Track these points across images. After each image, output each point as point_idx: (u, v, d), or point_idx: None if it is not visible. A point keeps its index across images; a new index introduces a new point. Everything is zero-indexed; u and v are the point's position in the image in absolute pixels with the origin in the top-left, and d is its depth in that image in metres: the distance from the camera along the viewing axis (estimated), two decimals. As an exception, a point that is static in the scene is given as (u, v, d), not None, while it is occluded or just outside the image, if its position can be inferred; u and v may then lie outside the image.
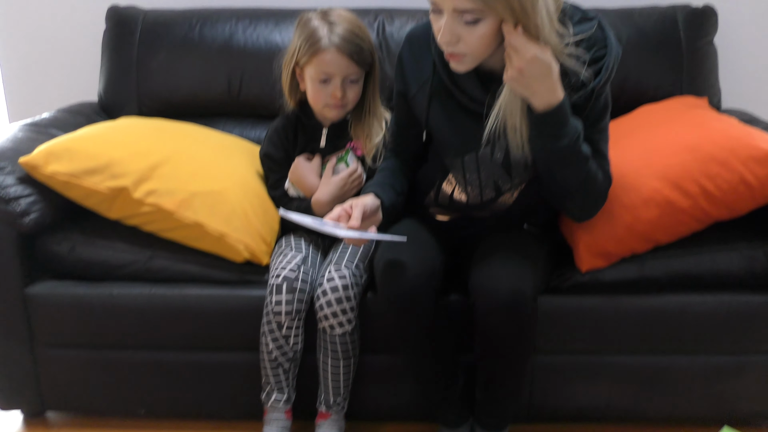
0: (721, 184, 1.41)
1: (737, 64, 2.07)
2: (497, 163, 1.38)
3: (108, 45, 2.01)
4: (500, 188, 1.42)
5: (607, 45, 1.27)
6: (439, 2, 1.20)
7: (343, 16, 1.57)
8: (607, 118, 1.35)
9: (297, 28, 1.59)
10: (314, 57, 1.53)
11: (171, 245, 1.59)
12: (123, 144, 1.62)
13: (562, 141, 1.25)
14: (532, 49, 1.17)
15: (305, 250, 1.58)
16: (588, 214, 1.42)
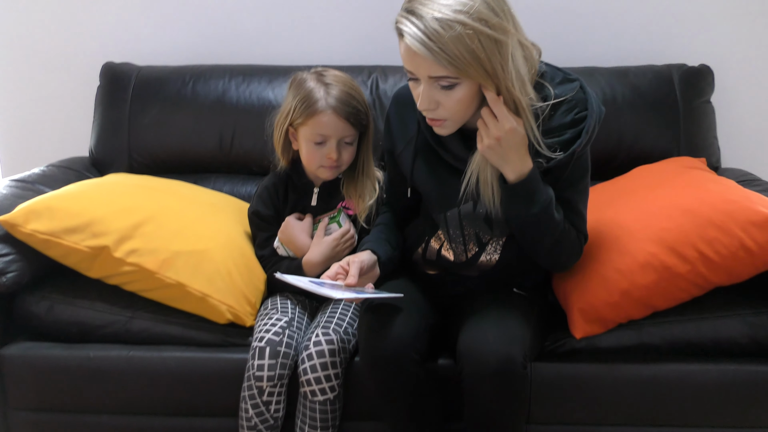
0: (720, 249, 1.37)
1: (736, 123, 2.05)
2: (479, 218, 1.37)
3: (101, 101, 2.01)
4: (482, 241, 1.41)
5: (588, 107, 1.28)
6: (414, 70, 1.22)
7: (338, 77, 1.56)
8: (587, 179, 1.37)
9: (291, 88, 1.57)
10: (310, 119, 1.51)
11: (152, 305, 1.55)
12: (105, 202, 1.59)
13: (533, 208, 1.27)
14: (511, 119, 1.20)
15: (291, 312, 1.53)
16: (561, 269, 1.46)
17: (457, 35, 1.14)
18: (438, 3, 1.16)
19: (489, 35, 1.15)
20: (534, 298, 1.47)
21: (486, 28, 1.15)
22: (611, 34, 2.04)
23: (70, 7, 2.12)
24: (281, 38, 2.11)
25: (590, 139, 1.29)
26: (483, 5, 1.16)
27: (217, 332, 1.53)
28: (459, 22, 1.14)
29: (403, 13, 1.20)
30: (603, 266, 1.40)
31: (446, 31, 1.14)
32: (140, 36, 2.13)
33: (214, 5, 2.10)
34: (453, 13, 1.14)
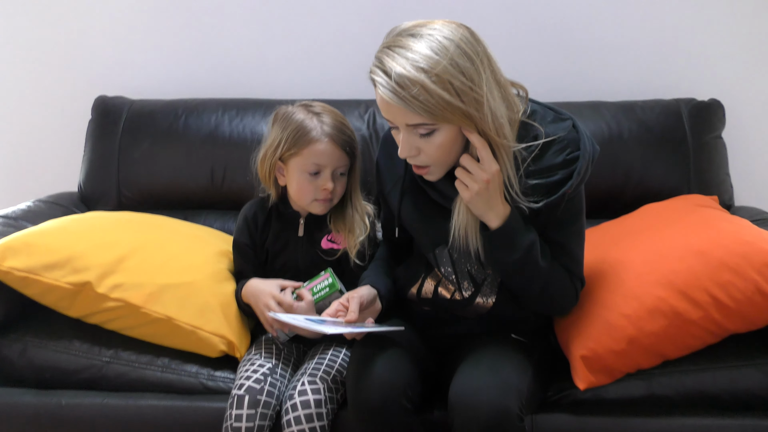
0: (735, 293, 1.28)
1: (748, 160, 1.97)
2: (470, 256, 1.31)
3: (92, 134, 1.97)
4: (476, 280, 1.36)
5: (581, 147, 1.24)
6: (391, 119, 1.21)
7: (325, 107, 1.53)
8: (581, 220, 1.32)
9: (277, 122, 1.51)
10: (305, 148, 1.45)
11: (133, 347, 1.49)
12: (87, 237, 1.54)
13: (514, 254, 1.24)
14: (495, 161, 1.19)
15: (275, 357, 1.44)
16: (558, 314, 1.41)
17: (429, 83, 1.12)
18: (409, 51, 1.14)
19: (461, 81, 1.14)
20: (534, 344, 1.38)
21: (458, 74, 1.14)
22: (616, 68, 1.99)
23: (63, 42, 2.10)
24: (276, 72, 2.07)
25: (582, 180, 1.25)
26: (455, 50, 1.14)
27: (199, 377, 1.47)
28: (430, 70, 1.12)
29: (375, 62, 1.19)
30: (608, 311, 1.31)
31: (418, 80, 1.12)
32: (135, 70, 2.10)
33: (210, 39, 2.07)
34: (424, 61, 1.13)
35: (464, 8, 1.97)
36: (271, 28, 2.05)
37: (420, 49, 1.14)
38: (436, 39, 1.15)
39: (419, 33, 1.16)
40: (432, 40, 1.15)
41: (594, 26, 1.96)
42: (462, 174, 1.21)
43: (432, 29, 1.16)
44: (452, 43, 1.15)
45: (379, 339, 1.32)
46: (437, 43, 1.14)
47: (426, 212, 1.35)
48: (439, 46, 1.14)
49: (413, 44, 1.15)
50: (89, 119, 1.99)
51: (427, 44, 1.14)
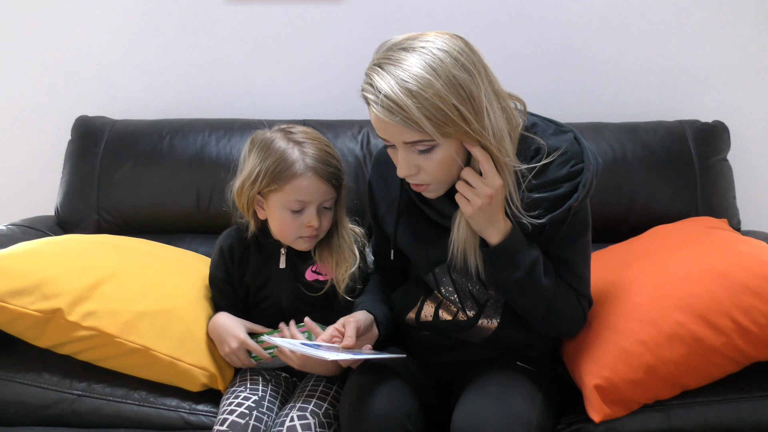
0: (758, 318, 1.20)
1: (755, 183, 1.93)
2: (471, 275, 1.24)
3: (71, 155, 1.89)
4: (479, 301, 1.29)
5: (585, 160, 1.19)
6: (388, 138, 1.15)
7: (308, 133, 1.39)
8: (587, 236, 1.27)
9: (255, 150, 1.37)
10: (286, 184, 1.32)
11: (108, 378, 1.39)
12: (59, 260, 1.44)
13: (517, 272, 1.18)
14: (498, 176, 1.13)
15: (262, 390, 1.33)
16: (565, 336, 1.35)
17: (426, 98, 1.07)
18: (403, 65, 1.08)
19: (459, 94, 1.08)
20: (543, 372, 1.30)
21: (456, 87, 1.08)
22: (618, 89, 1.95)
23: (44, 60, 2.04)
24: (266, 92, 2.01)
25: (588, 194, 1.20)
26: (450, 62, 1.08)
27: (180, 410, 1.37)
28: (426, 84, 1.07)
29: (366, 80, 1.12)
30: (623, 337, 1.22)
31: (415, 95, 1.06)
32: (118, 89, 2.04)
33: (196, 58, 2.01)
34: (420, 74, 1.07)
35: (462, 28, 1.92)
36: (260, 46, 1.99)
37: (414, 62, 1.08)
38: (430, 51, 1.09)
39: (412, 46, 1.10)
40: (426, 53, 1.08)
41: (596, 47, 1.93)
42: (464, 188, 1.15)
43: (425, 41, 1.10)
44: (447, 54, 1.09)
45: (375, 368, 1.23)
46: (431, 56, 1.08)
47: (423, 232, 1.28)
48: (434, 59, 1.08)
49: (406, 58, 1.08)
50: (69, 140, 1.91)
51: (421, 58, 1.08)
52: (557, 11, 1.92)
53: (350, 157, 1.82)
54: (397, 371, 1.23)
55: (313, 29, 1.97)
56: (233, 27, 1.99)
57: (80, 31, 2.01)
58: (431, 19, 1.93)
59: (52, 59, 2.03)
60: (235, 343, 1.36)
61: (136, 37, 2.01)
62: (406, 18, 1.95)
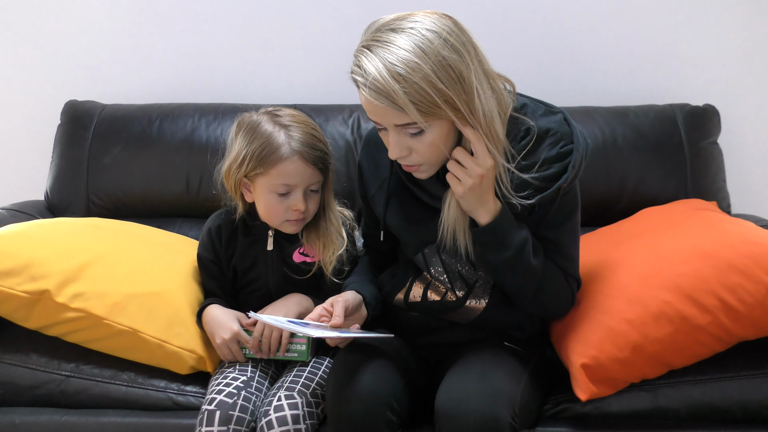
0: (744, 296, 1.20)
1: (746, 167, 1.93)
2: (461, 255, 1.24)
3: (60, 140, 1.88)
4: (468, 281, 1.28)
5: (574, 140, 1.19)
6: (379, 121, 1.14)
7: (295, 116, 1.39)
8: (576, 217, 1.26)
9: (242, 132, 1.36)
10: (272, 167, 1.32)
11: (96, 360, 1.39)
12: (47, 242, 1.43)
13: (506, 252, 1.18)
14: (490, 156, 1.13)
15: (251, 371, 1.33)
16: (553, 317, 1.34)
17: (416, 80, 1.06)
18: (392, 47, 1.07)
19: (449, 75, 1.07)
20: (531, 352, 1.30)
21: (446, 68, 1.07)
22: (609, 73, 1.94)
23: (33, 44, 2.02)
24: (257, 76, 2.00)
25: (577, 174, 1.20)
26: (440, 43, 1.07)
27: (168, 391, 1.37)
28: (416, 67, 1.06)
29: (355, 62, 1.11)
30: (609, 316, 1.22)
31: (404, 78, 1.06)
32: (107, 73, 2.02)
33: (186, 41, 2.00)
34: (409, 57, 1.06)
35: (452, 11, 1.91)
36: (250, 30, 1.98)
37: (403, 44, 1.07)
38: (419, 32, 1.08)
39: (400, 27, 1.09)
40: (414, 34, 1.08)
41: (586, 31, 1.92)
42: (455, 168, 1.14)
43: (413, 21, 1.10)
44: (436, 35, 1.08)
45: (362, 347, 1.24)
46: (420, 37, 1.07)
47: (413, 213, 1.28)
48: (423, 40, 1.07)
49: (395, 40, 1.08)
50: (58, 124, 1.90)
51: (410, 39, 1.07)
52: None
53: (341, 141, 1.82)
54: (383, 350, 1.23)
55: (304, 13, 1.96)
56: (223, 11, 1.97)
57: (70, 15, 2.00)
58: (421, 3, 1.92)
59: (42, 43, 2.01)
60: (228, 334, 1.34)
61: (125, 21, 1.99)
62: (396, 2, 1.93)
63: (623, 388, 1.25)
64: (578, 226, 1.28)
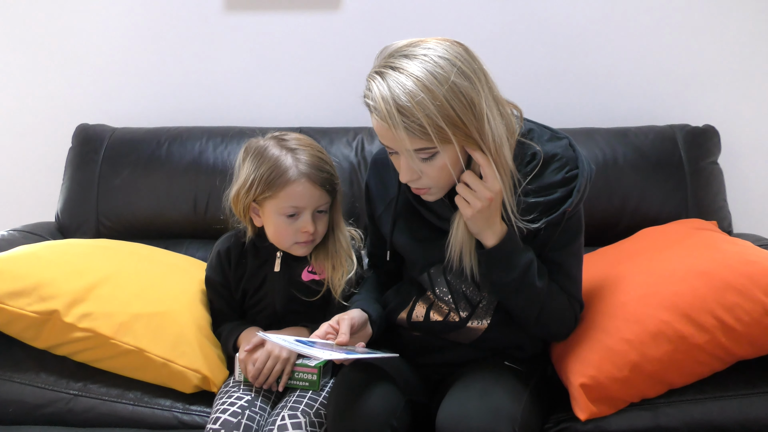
0: (742, 315, 1.21)
1: (746, 186, 1.94)
2: (466, 276, 1.26)
3: (71, 163, 1.92)
4: (472, 302, 1.30)
5: (579, 166, 1.21)
6: (391, 145, 1.16)
7: (301, 140, 1.42)
8: (580, 240, 1.28)
9: (249, 158, 1.39)
10: (281, 190, 1.35)
11: (104, 379, 1.41)
12: (57, 263, 1.46)
13: (512, 273, 1.20)
14: (499, 180, 1.15)
15: (255, 390, 1.35)
16: (556, 339, 1.35)
17: (428, 107, 1.08)
18: (404, 73, 1.10)
19: (460, 101, 1.10)
20: (532, 372, 1.31)
21: (457, 95, 1.10)
22: (609, 94, 1.96)
23: (46, 69, 2.07)
24: (263, 99, 2.04)
25: (582, 199, 1.22)
26: (451, 70, 1.10)
27: (174, 410, 1.39)
28: (428, 94, 1.08)
29: (368, 87, 1.13)
30: (608, 336, 1.24)
31: (417, 104, 1.08)
32: (118, 98, 2.06)
33: (195, 67, 2.04)
34: (422, 83, 1.09)
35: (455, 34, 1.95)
36: (258, 54, 2.02)
37: (415, 71, 1.09)
38: (431, 59, 1.10)
39: (413, 53, 1.12)
40: (427, 61, 1.10)
41: (587, 53, 1.95)
42: (464, 191, 1.16)
43: (426, 48, 1.12)
44: (448, 62, 1.10)
45: (363, 366, 1.25)
46: (432, 64, 1.10)
47: (420, 233, 1.30)
48: (435, 67, 1.09)
49: (408, 66, 1.10)
50: (69, 147, 1.95)
51: (423, 65, 1.10)
52: (549, 17, 1.94)
53: (345, 163, 1.85)
54: (384, 369, 1.25)
55: (310, 38, 2.00)
56: (231, 36, 2.02)
57: (81, 40, 2.05)
58: (424, 27, 1.96)
59: (54, 68, 2.06)
60: (285, 353, 1.34)
61: (135, 46, 2.04)
62: (400, 27, 1.97)
63: (623, 408, 1.25)
64: (582, 249, 1.30)
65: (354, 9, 1.98)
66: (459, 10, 1.96)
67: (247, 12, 2.00)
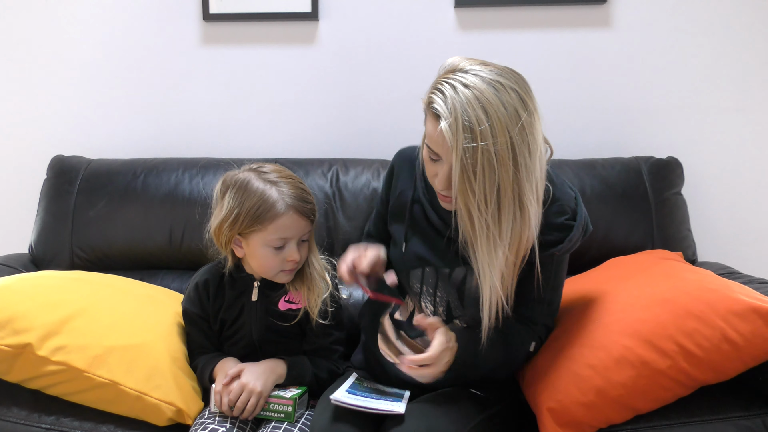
0: (702, 341, 1.25)
1: (710, 216, 2.00)
2: (454, 284, 1.32)
3: (46, 194, 1.92)
4: (451, 314, 1.34)
5: (577, 219, 1.27)
6: (442, 155, 1.19)
7: (280, 171, 1.45)
8: (562, 275, 1.36)
9: (231, 191, 1.40)
10: (270, 224, 1.37)
11: (76, 413, 1.39)
12: (31, 296, 1.46)
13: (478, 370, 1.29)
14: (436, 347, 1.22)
15: (230, 422, 1.36)
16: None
17: (496, 130, 1.11)
18: (477, 88, 1.12)
19: (522, 133, 1.12)
20: (500, 398, 1.34)
21: (523, 125, 1.13)
22: (577, 128, 2.02)
23: (21, 101, 2.09)
24: (239, 132, 2.07)
25: (571, 248, 1.28)
26: (520, 104, 1.13)
27: (150, 443, 1.37)
28: (507, 126, 1.11)
29: (440, 93, 1.15)
30: (574, 363, 1.27)
31: (485, 122, 1.10)
32: (93, 129, 2.09)
33: (171, 99, 2.07)
34: (501, 113, 1.11)
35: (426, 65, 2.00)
36: (233, 87, 2.06)
37: (488, 95, 1.11)
38: (508, 87, 1.13)
39: (488, 81, 1.14)
40: (501, 89, 1.13)
41: (555, 88, 2.01)
42: (415, 373, 1.23)
43: (502, 78, 1.15)
44: (518, 96, 1.14)
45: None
46: (508, 95, 1.13)
47: (425, 231, 1.35)
48: (514, 100, 1.13)
49: (484, 88, 1.12)
50: (44, 179, 1.95)
51: (495, 92, 1.12)
52: (520, 56, 2.00)
53: (320, 194, 1.87)
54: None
55: (285, 71, 2.04)
56: (207, 69, 2.05)
57: (57, 71, 2.07)
58: (398, 60, 2.01)
59: (29, 99, 2.08)
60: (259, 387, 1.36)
61: (112, 78, 2.07)
62: (374, 61, 2.02)
63: (590, 433, 1.28)
64: (563, 281, 1.36)
65: (329, 44, 2.03)
66: (428, 44, 2.00)
67: (223, 45, 2.04)
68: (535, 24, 1.99)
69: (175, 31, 2.04)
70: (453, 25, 2.00)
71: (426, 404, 1.25)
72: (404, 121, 1.97)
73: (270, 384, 1.37)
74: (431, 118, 1.17)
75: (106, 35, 2.05)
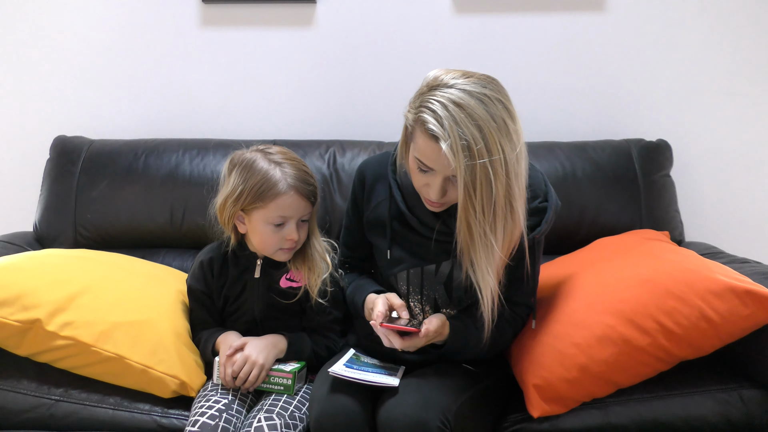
0: (680, 320, 1.30)
1: (697, 198, 2.04)
2: (440, 281, 1.36)
3: (49, 174, 1.96)
4: (439, 310, 1.40)
5: (548, 199, 1.32)
6: (437, 169, 1.22)
7: (285, 153, 1.50)
8: (540, 257, 1.40)
9: (236, 170, 1.46)
10: (271, 201, 1.42)
11: (84, 385, 1.46)
12: (38, 273, 1.51)
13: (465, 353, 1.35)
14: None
15: (232, 393, 1.42)
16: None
17: (490, 146, 1.15)
18: (468, 105, 1.15)
19: (512, 142, 1.18)
20: (489, 373, 1.40)
21: (512, 132, 1.18)
22: (569, 111, 2.06)
23: (23, 82, 2.11)
24: (238, 113, 2.10)
25: (548, 228, 1.33)
26: (507, 115, 1.18)
27: (154, 413, 1.43)
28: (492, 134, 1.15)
29: (431, 113, 1.17)
30: (559, 341, 1.33)
31: (478, 151, 1.14)
32: (95, 110, 2.11)
33: (172, 80, 2.10)
34: (483, 114, 1.15)
35: (423, 49, 2.04)
36: (233, 69, 2.08)
37: (478, 111, 1.15)
38: (494, 98, 1.17)
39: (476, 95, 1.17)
40: (488, 101, 1.16)
41: (547, 71, 2.04)
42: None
43: (487, 90, 1.18)
44: (503, 105, 1.18)
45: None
46: (495, 106, 1.17)
47: (406, 235, 1.38)
48: (501, 110, 1.17)
49: (473, 104, 1.15)
50: (47, 159, 1.98)
51: (484, 107, 1.16)
52: (514, 37, 2.03)
53: (317, 175, 1.88)
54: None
55: (284, 53, 2.07)
56: (207, 50, 2.07)
57: (59, 52, 2.09)
58: (395, 43, 2.04)
59: (32, 80, 2.10)
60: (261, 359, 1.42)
61: (113, 59, 2.09)
62: (372, 43, 2.05)
63: (576, 407, 1.34)
64: (539, 264, 1.41)
65: (327, 25, 2.05)
66: (424, 27, 2.03)
67: (223, 27, 2.06)
68: (529, 6, 2.02)
69: (175, 13, 2.06)
70: (449, 8, 2.03)
71: (420, 378, 1.31)
72: (401, 103, 1.99)
73: (272, 358, 1.43)
74: (424, 136, 1.19)
75: (108, 16, 2.07)
